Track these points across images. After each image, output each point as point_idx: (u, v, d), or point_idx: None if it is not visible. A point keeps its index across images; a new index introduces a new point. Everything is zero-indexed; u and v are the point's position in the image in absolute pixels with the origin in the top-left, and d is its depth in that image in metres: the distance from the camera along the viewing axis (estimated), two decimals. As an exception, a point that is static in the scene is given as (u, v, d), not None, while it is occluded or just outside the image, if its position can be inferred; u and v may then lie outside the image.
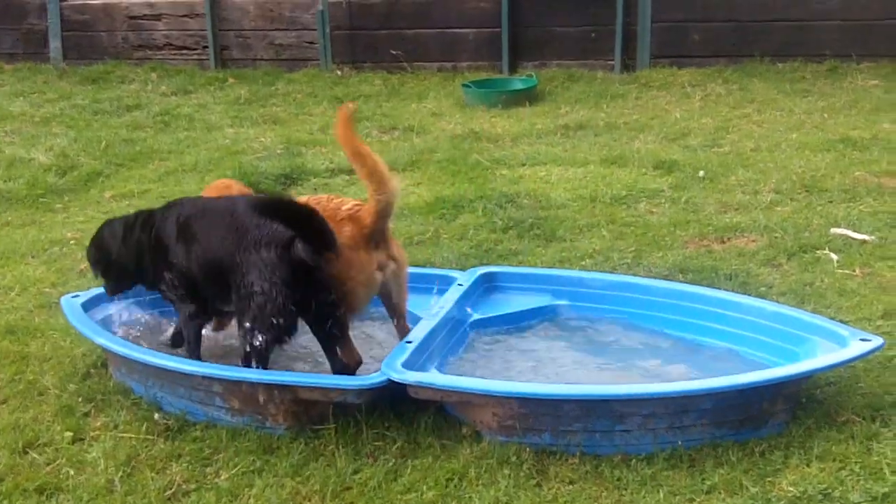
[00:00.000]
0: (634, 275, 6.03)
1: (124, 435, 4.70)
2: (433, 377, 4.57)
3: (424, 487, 4.16)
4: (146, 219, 5.21)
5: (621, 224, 7.21)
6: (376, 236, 4.89)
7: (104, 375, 5.29)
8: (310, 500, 4.14)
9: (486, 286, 5.70)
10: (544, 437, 4.35)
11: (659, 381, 4.77)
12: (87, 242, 7.33)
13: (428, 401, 4.56)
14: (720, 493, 4.02)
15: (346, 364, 4.90)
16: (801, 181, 7.98)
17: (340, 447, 4.46)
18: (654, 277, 5.95)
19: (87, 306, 5.44)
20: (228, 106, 12.35)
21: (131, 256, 5.19)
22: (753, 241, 6.78)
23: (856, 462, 4.14)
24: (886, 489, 3.93)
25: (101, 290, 5.65)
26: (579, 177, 8.47)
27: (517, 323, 5.47)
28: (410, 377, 4.46)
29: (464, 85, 12.26)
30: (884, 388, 4.74)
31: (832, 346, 4.63)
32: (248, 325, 4.66)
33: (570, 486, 4.13)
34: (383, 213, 4.86)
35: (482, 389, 4.43)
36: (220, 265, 4.76)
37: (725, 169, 8.42)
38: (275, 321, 4.60)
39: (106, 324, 5.44)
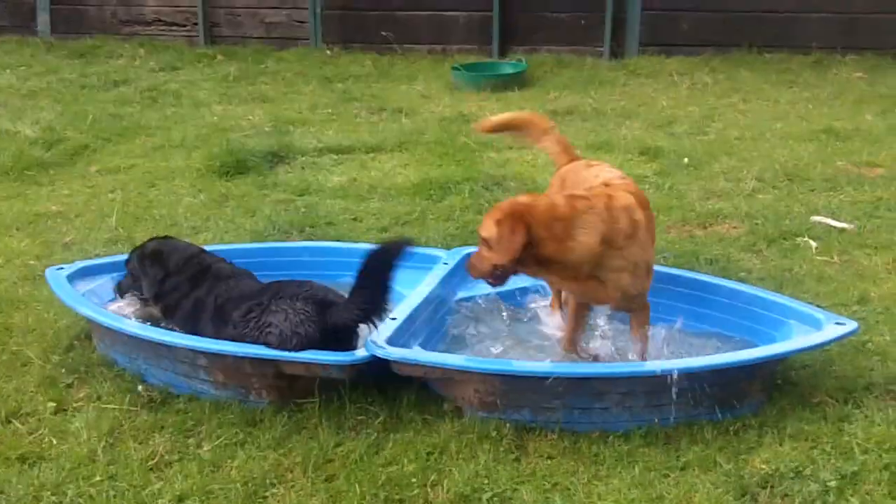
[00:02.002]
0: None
1: (107, 406, 4.73)
2: (416, 354, 4.62)
3: (405, 460, 4.22)
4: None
5: (605, 208, 7.25)
6: None
7: (88, 347, 5.32)
8: (292, 472, 4.19)
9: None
10: (524, 414, 4.42)
11: (637, 361, 4.85)
12: (72, 216, 7.44)
13: (411, 377, 4.62)
14: (694, 469, 4.09)
15: None
16: (783, 170, 8.07)
17: (323, 421, 4.52)
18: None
19: (72, 279, 5.46)
20: (217, 83, 12.35)
21: None
22: (735, 227, 6.86)
23: (827, 442, 4.23)
24: (856, 468, 4.02)
25: (86, 263, 5.71)
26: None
27: (502, 302, 5.51)
28: (394, 353, 4.52)
29: (453, 68, 12.29)
30: (857, 371, 4.84)
31: (808, 330, 4.72)
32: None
33: (549, 461, 4.20)
34: None
35: (465, 366, 4.50)
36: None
37: (710, 156, 8.49)
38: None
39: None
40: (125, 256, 5.80)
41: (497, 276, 4.59)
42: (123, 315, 5.30)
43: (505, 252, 4.41)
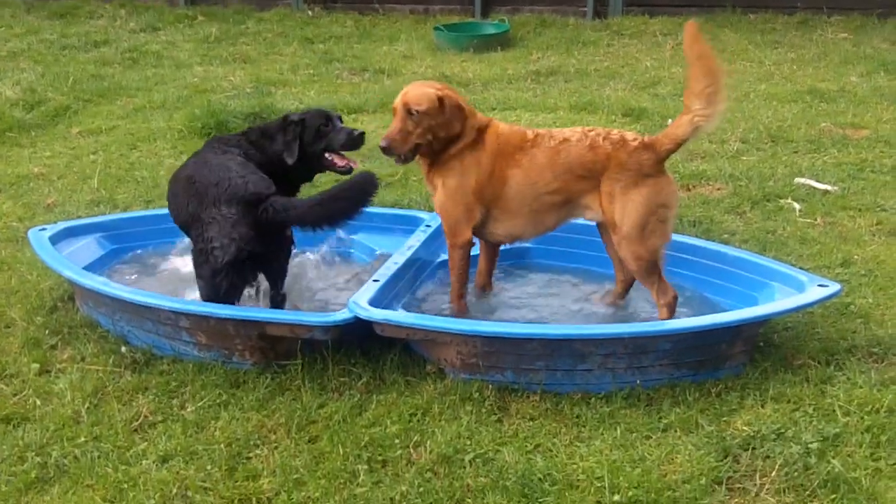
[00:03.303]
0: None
1: (91, 367, 4.73)
2: (399, 315, 4.62)
3: (388, 422, 4.23)
4: None
5: (589, 170, 7.25)
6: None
7: (71, 309, 5.31)
8: (275, 433, 4.20)
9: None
10: (507, 375, 4.43)
11: (620, 322, 4.86)
12: (54, 177, 7.39)
13: (394, 338, 4.63)
14: (676, 431, 4.11)
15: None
16: (767, 131, 8.07)
17: (306, 382, 4.52)
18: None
19: (54, 240, 5.43)
20: (198, 44, 12.27)
21: None
22: (719, 189, 6.87)
23: (809, 404, 4.25)
24: (838, 429, 4.04)
25: (69, 223, 5.69)
26: (549, 122, 8.50)
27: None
28: (377, 315, 4.52)
29: (436, 28, 12.23)
30: (840, 333, 4.86)
31: (791, 292, 4.73)
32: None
33: (531, 423, 4.22)
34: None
35: (447, 328, 4.50)
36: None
37: (693, 117, 8.45)
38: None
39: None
40: (108, 217, 5.80)
41: (408, 153, 4.93)
42: None
43: (457, 121, 4.86)
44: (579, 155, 4.76)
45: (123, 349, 4.87)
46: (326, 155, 5.24)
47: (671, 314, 4.79)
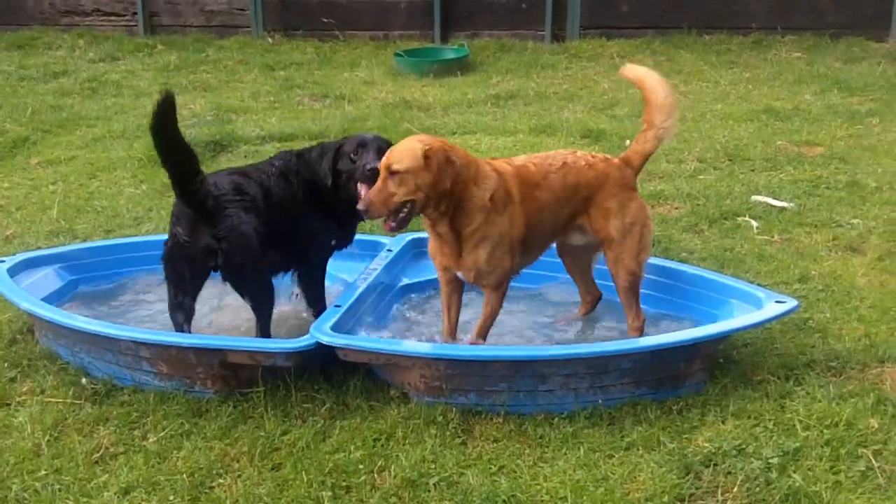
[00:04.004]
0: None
1: (51, 400, 4.68)
2: (361, 340, 4.63)
3: (352, 447, 4.21)
4: None
5: (549, 191, 7.29)
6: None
7: (30, 341, 5.26)
8: (238, 462, 4.17)
9: (415, 252, 5.76)
10: (470, 398, 4.44)
11: (581, 343, 4.89)
12: (12, 209, 7.33)
13: (357, 363, 4.62)
14: (638, 449, 4.14)
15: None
16: (724, 150, 8.17)
17: (269, 410, 4.50)
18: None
19: (13, 272, 5.39)
20: (157, 72, 12.25)
21: None
22: (677, 208, 6.93)
23: (769, 419, 4.29)
24: (798, 444, 4.08)
25: (27, 255, 5.66)
26: (509, 145, 8.56)
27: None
28: (339, 340, 4.52)
29: (396, 54, 12.28)
30: (798, 348, 4.91)
31: (749, 308, 4.78)
32: None
33: (495, 444, 4.23)
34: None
35: (410, 351, 4.51)
36: None
37: (652, 138, 8.53)
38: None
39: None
40: (67, 248, 5.76)
41: (403, 216, 4.51)
42: None
43: (446, 178, 4.44)
44: (582, 174, 4.84)
45: (84, 381, 4.82)
46: (359, 185, 4.95)
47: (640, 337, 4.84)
